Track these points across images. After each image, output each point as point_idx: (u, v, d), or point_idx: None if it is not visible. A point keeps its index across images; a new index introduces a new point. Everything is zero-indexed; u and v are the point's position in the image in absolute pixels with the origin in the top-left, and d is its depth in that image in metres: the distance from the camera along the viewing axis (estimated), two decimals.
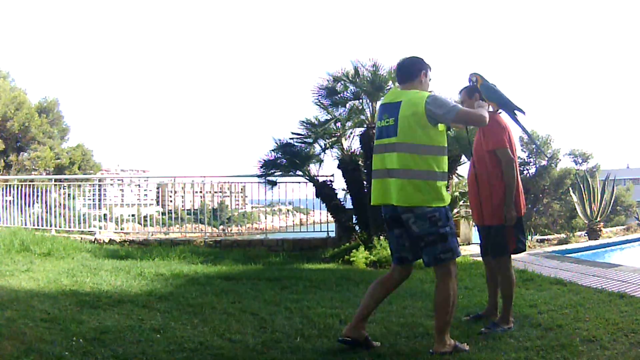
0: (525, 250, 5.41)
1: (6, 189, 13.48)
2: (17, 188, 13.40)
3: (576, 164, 29.19)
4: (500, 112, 5.32)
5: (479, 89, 5.38)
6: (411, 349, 4.38)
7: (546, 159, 22.65)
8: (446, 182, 4.33)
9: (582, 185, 15.33)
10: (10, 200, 13.44)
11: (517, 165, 5.14)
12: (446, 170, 4.33)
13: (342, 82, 11.09)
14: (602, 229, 14.79)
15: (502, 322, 4.96)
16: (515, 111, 5.34)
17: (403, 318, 5.42)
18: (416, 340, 4.65)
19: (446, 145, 4.36)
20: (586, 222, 15.07)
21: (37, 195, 13.52)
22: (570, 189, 19.25)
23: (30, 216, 13.45)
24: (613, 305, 5.72)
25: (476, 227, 5.74)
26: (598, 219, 14.64)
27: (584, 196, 15.01)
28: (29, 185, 13.64)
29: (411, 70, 4.52)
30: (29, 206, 13.46)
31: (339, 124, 11.49)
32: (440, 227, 4.19)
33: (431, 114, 4.18)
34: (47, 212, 13.50)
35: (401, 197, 4.22)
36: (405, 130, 4.23)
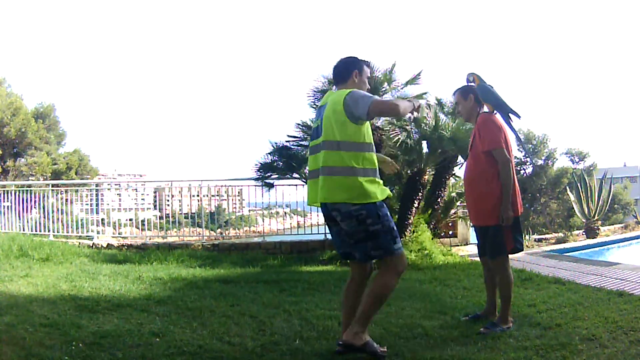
0: (522, 250, 5.41)
1: (4, 194, 13.49)
2: (15, 194, 13.40)
3: (573, 163, 29.36)
4: (495, 113, 5.32)
5: (473, 90, 5.39)
6: (410, 350, 4.38)
7: (535, 163, 22.78)
8: (373, 178, 4.23)
9: (579, 184, 15.38)
10: (8, 206, 13.44)
11: (514, 165, 5.14)
12: (371, 166, 4.24)
13: None
14: (599, 227, 14.84)
15: (501, 322, 4.96)
16: (510, 114, 5.34)
17: (402, 319, 5.42)
18: (415, 341, 4.66)
19: (369, 142, 4.28)
20: (584, 220, 15.12)
21: (35, 201, 13.53)
22: (567, 188, 19.32)
23: (28, 221, 13.44)
24: (612, 304, 5.73)
25: (473, 228, 5.73)
26: (596, 217, 14.68)
27: (581, 195, 15.06)
28: (27, 190, 13.63)
29: (343, 72, 4.49)
30: (26, 211, 13.46)
31: None
32: (370, 225, 4.12)
33: (349, 109, 4.15)
34: (44, 217, 13.49)
35: (326, 194, 4.21)
36: (327, 130, 4.23)
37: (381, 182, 4.33)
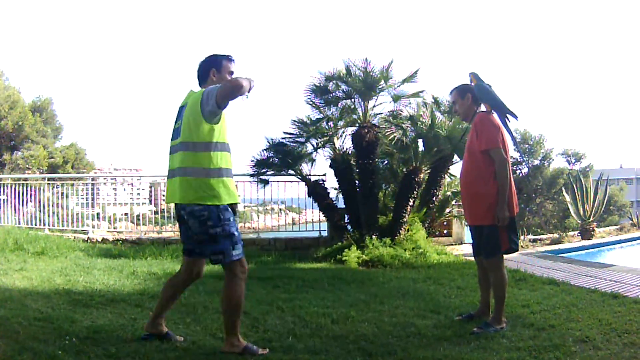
0: (517, 250, 5.41)
1: (0, 187, 13.44)
2: (11, 187, 13.37)
3: (569, 164, 29.33)
4: (493, 113, 5.31)
5: (471, 89, 5.39)
6: (402, 349, 4.39)
7: (528, 166, 22.89)
8: (227, 179, 4.24)
9: (575, 185, 15.38)
10: (3, 199, 13.41)
11: (510, 165, 5.14)
12: (224, 166, 4.24)
13: (334, 81, 11.10)
14: (595, 229, 14.85)
15: (495, 322, 4.97)
16: (508, 115, 5.33)
17: (395, 317, 5.43)
18: (408, 340, 4.67)
19: (223, 141, 4.28)
20: (579, 222, 15.11)
21: (31, 194, 13.51)
22: (563, 188, 19.32)
23: (23, 215, 13.44)
24: (606, 306, 5.74)
25: (469, 227, 5.73)
26: (591, 218, 14.69)
27: (577, 196, 15.06)
28: (23, 184, 13.63)
29: (202, 72, 4.49)
30: (22, 205, 13.44)
31: (331, 123, 11.51)
32: (210, 227, 4.13)
33: (204, 106, 4.16)
34: (40, 211, 13.49)
35: (179, 195, 4.22)
36: (185, 131, 4.24)
37: (234, 185, 4.36)
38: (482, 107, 5.37)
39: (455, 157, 11.09)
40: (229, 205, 4.26)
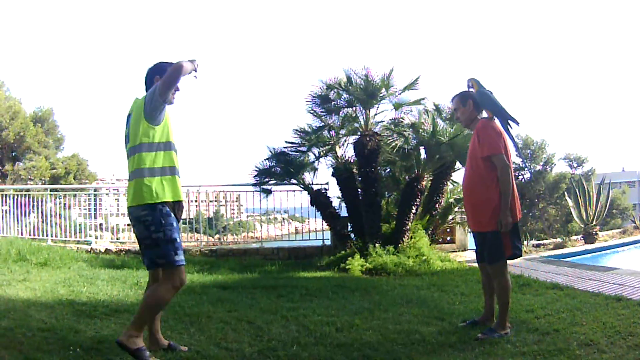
0: (521, 256, 5.41)
1: (2, 198, 13.47)
2: (13, 198, 13.40)
3: (571, 168, 29.35)
4: (494, 119, 5.31)
5: (472, 96, 5.39)
6: (407, 356, 4.39)
7: (530, 171, 22.88)
8: (168, 177, 4.25)
9: (577, 189, 15.37)
10: (6, 210, 13.44)
11: (512, 171, 5.14)
12: (167, 165, 4.26)
13: (335, 90, 11.13)
14: (598, 232, 14.83)
15: (499, 327, 4.96)
16: (509, 121, 5.34)
17: (399, 325, 5.42)
18: (412, 347, 4.66)
19: (167, 140, 4.30)
20: (582, 226, 15.09)
21: (33, 205, 13.51)
22: (565, 193, 19.29)
23: (26, 226, 13.44)
24: (610, 309, 5.73)
25: (472, 234, 5.72)
26: (594, 222, 14.67)
27: (580, 200, 15.05)
28: (25, 194, 13.64)
29: (147, 80, 4.52)
30: (25, 216, 13.45)
31: (332, 132, 11.55)
32: (153, 232, 4.14)
33: (146, 107, 4.20)
34: (43, 221, 13.48)
35: (129, 198, 4.26)
36: (132, 136, 4.28)
37: (179, 183, 4.36)
38: (484, 114, 5.37)
39: (458, 164, 11.10)
40: (174, 203, 4.28)
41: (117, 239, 14.44)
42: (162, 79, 4.20)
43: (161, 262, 4.20)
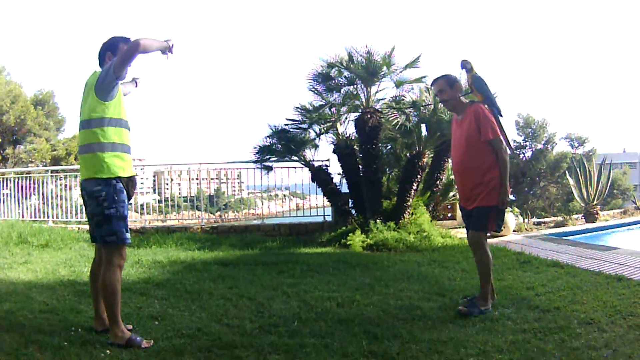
0: (501, 231, 5.46)
1: (3, 181, 13.46)
2: (14, 181, 13.39)
3: (572, 148, 29.34)
4: (485, 105, 5.33)
5: (457, 80, 5.40)
6: (408, 331, 4.39)
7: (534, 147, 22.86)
8: (120, 153, 4.22)
9: (578, 169, 15.31)
10: (7, 193, 13.42)
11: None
12: (118, 141, 4.22)
13: (337, 68, 11.08)
14: (599, 212, 14.80)
15: (480, 300, 5.04)
16: (498, 111, 5.40)
17: (400, 300, 5.44)
18: (413, 323, 4.67)
19: (118, 117, 4.25)
20: (583, 205, 15.07)
21: (34, 187, 13.50)
22: (566, 172, 19.25)
23: (27, 208, 13.44)
24: (610, 288, 5.73)
25: (461, 209, 5.71)
26: (595, 202, 14.65)
27: (581, 179, 15.01)
28: (26, 177, 13.63)
29: (99, 56, 4.48)
30: (26, 198, 13.45)
31: (333, 110, 11.52)
32: (106, 208, 4.12)
33: (99, 83, 4.17)
34: (44, 203, 13.47)
35: (82, 172, 4.25)
36: (84, 109, 4.26)
37: (130, 160, 4.34)
38: (464, 99, 5.42)
39: None
40: (127, 179, 4.27)
41: None
42: (119, 56, 4.16)
43: (111, 240, 4.15)
